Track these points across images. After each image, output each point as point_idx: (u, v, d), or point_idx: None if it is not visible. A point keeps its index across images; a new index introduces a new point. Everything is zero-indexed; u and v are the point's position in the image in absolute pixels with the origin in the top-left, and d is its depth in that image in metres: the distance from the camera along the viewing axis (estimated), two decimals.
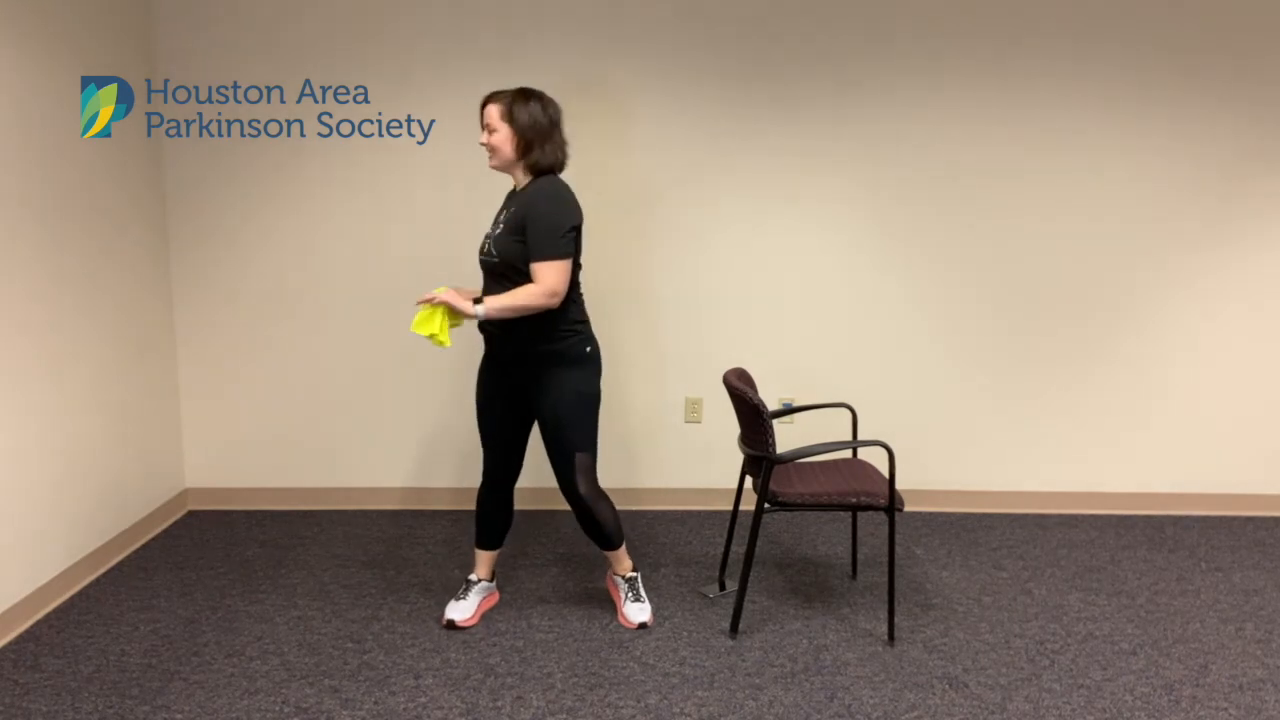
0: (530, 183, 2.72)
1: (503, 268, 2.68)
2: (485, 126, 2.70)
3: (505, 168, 2.74)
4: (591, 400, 2.81)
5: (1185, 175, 3.74)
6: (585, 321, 2.80)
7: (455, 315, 2.64)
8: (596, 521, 2.90)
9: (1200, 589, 3.25)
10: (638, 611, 2.95)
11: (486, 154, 2.74)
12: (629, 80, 3.66)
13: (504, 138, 2.67)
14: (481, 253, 2.76)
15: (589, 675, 2.65)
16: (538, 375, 2.75)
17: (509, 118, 2.67)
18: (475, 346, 2.92)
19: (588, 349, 2.78)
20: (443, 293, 2.60)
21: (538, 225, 2.61)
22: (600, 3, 3.60)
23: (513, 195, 2.77)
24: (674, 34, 3.63)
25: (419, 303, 2.64)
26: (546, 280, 2.60)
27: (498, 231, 2.71)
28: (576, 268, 2.73)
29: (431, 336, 2.61)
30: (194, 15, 3.58)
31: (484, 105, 2.71)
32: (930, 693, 2.57)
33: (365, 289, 3.79)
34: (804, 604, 3.10)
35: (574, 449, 2.79)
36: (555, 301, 2.62)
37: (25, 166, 2.89)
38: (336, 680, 2.60)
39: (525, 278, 2.64)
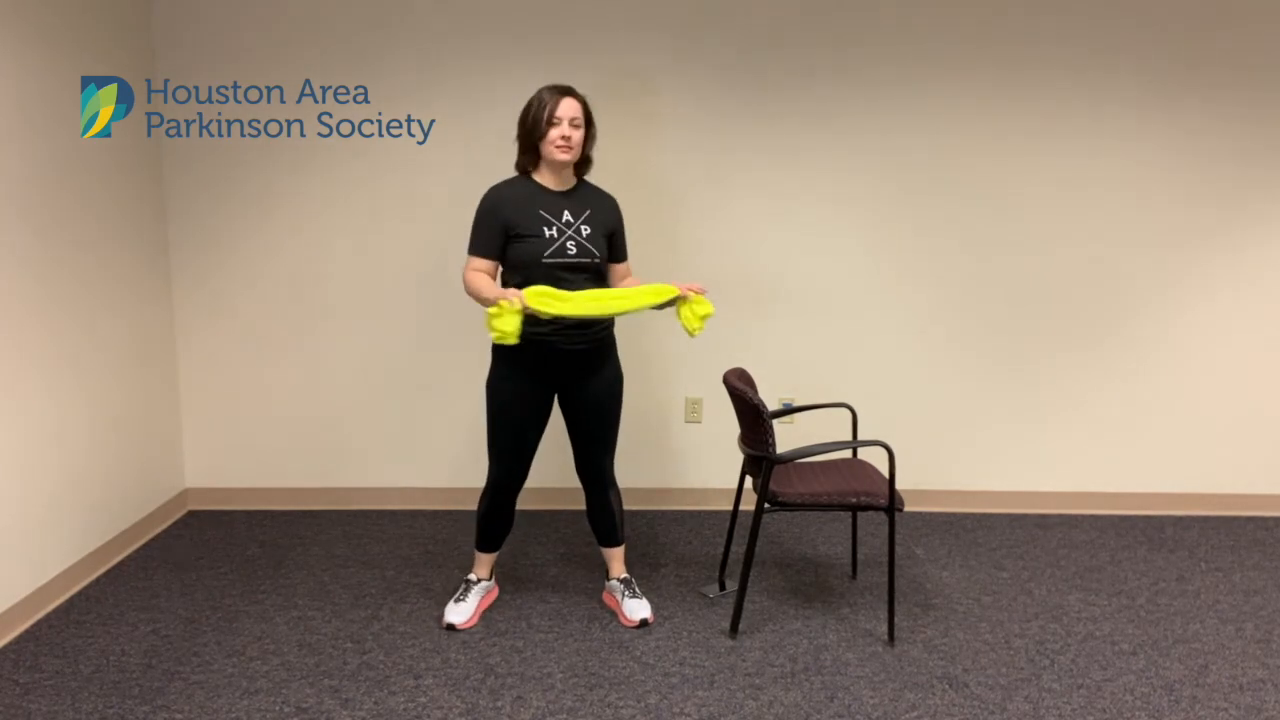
0: (582, 185, 2.83)
1: (594, 265, 2.77)
2: (569, 120, 2.66)
3: (569, 164, 2.75)
4: (624, 385, 2.97)
5: (1185, 177, 3.74)
6: None
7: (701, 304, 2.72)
8: (612, 510, 2.98)
9: (1200, 589, 3.25)
10: (638, 607, 2.95)
11: (558, 146, 2.67)
12: (632, 80, 3.66)
13: (582, 136, 2.72)
14: (562, 254, 2.69)
15: (589, 675, 2.65)
16: (594, 365, 2.84)
17: (589, 120, 2.75)
18: (473, 350, 2.91)
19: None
20: (680, 288, 2.69)
21: (624, 229, 2.92)
22: (603, 2, 3.60)
23: (564, 195, 2.77)
24: (680, 34, 3.63)
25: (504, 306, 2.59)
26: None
27: (588, 232, 2.75)
28: None
29: (506, 335, 2.55)
30: (194, 15, 3.58)
31: (564, 96, 2.67)
32: (930, 693, 2.57)
33: (365, 289, 3.79)
34: (804, 604, 3.10)
35: (614, 433, 2.94)
36: None
37: (25, 166, 2.89)
38: (336, 680, 2.60)
39: (600, 275, 2.82)
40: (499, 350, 2.79)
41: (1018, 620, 3.00)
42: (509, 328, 2.52)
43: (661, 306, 2.74)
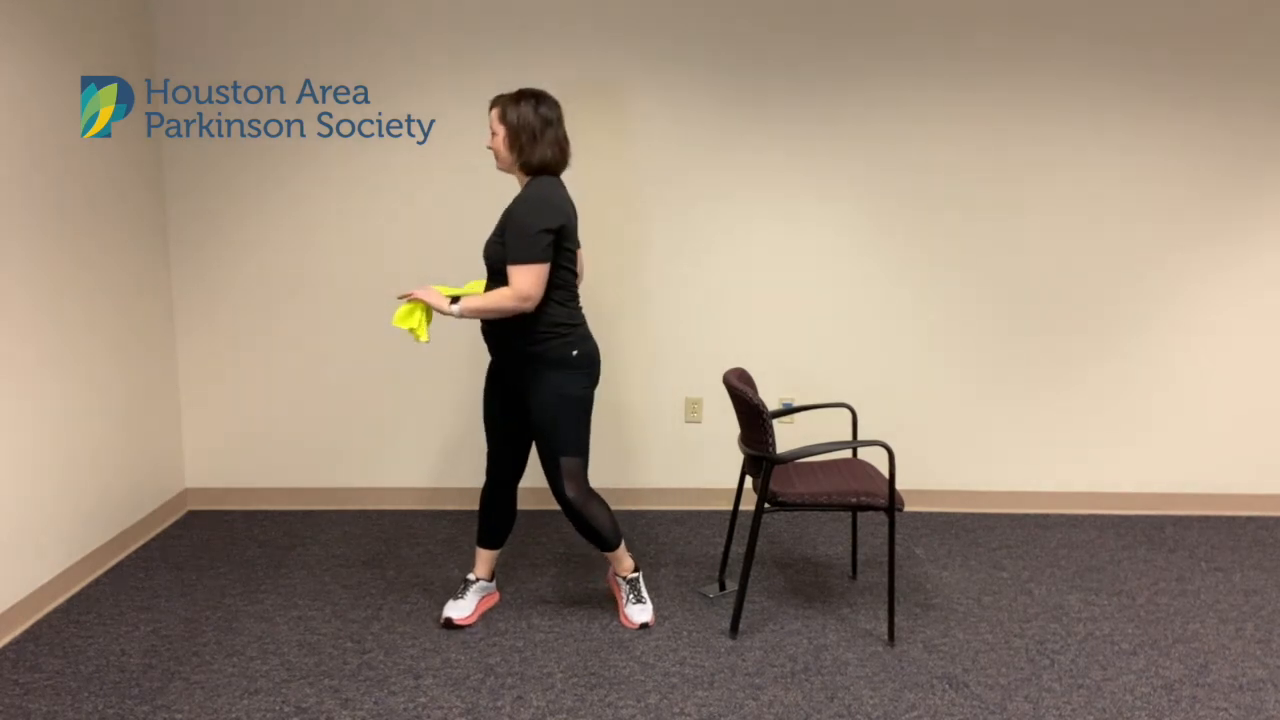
0: (527, 187, 2.72)
1: (492, 269, 2.74)
2: (491, 130, 2.73)
3: (507, 170, 2.75)
4: (574, 403, 2.75)
5: (1185, 176, 3.74)
6: (574, 325, 2.75)
7: (433, 311, 2.72)
8: (589, 525, 2.88)
9: (1200, 589, 3.25)
10: (639, 612, 2.95)
11: (494, 157, 2.77)
12: (632, 80, 3.66)
13: (501, 140, 2.70)
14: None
15: (589, 675, 2.65)
16: (525, 376, 2.76)
17: (504, 119, 2.69)
18: (478, 346, 2.92)
19: (574, 353, 2.72)
20: (421, 290, 2.67)
21: (513, 229, 2.63)
22: (603, 1, 3.60)
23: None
24: (677, 34, 3.63)
25: (400, 298, 2.72)
26: (517, 284, 2.60)
27: (491, 233, 2.75)
28: (562, 270, 2.70)
29: (411, 331, 2.71)
30: (194, 15, 3.58)
31: (491, 109, 2.74)
32: (930, 693, 2.57)
33: (365, 289, 3.79)
34: (804, 604, 3.10)
35: (558, 452, 2.77)
36: (528, 305, 2.61)
37: (25, 166, 2.89)
38: (336, 680, 2.61)
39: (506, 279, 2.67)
40: None
41: (1018, 620, 3.00)
42: (401, 325, 2.73)
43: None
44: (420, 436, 3.92)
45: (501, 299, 2.61)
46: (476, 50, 3.62)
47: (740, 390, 2.78)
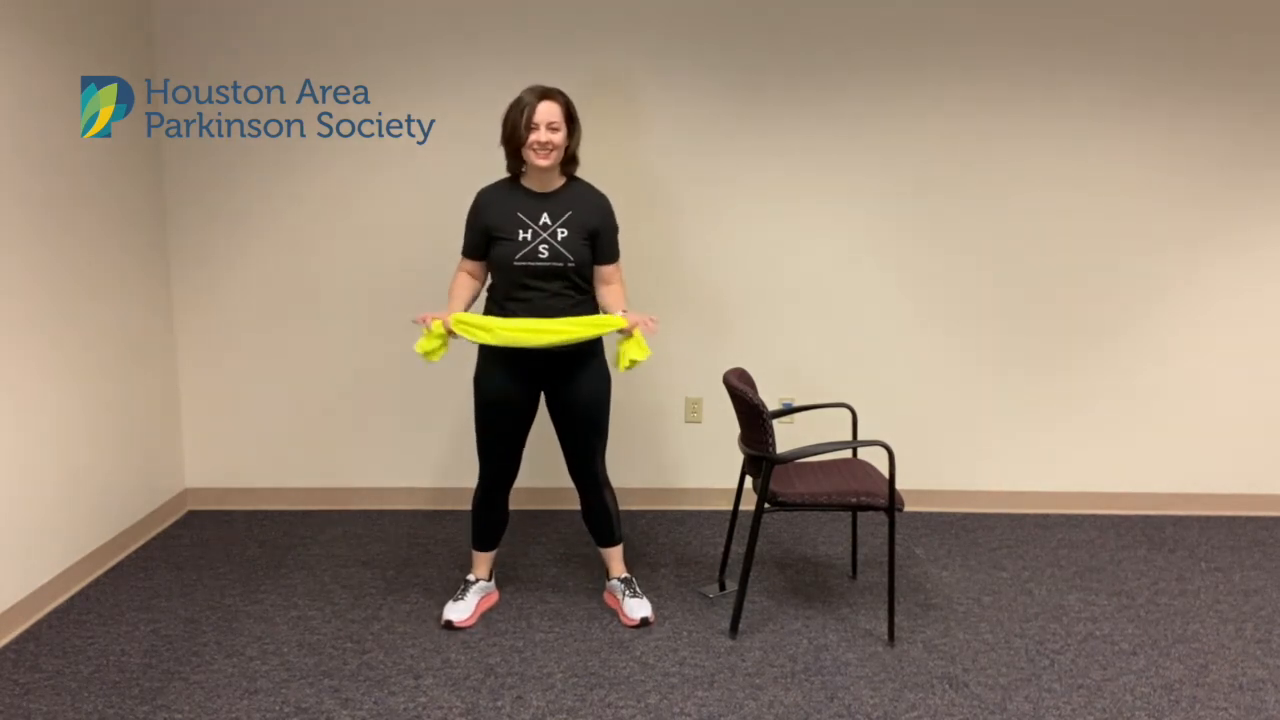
0: (569, 185, 2.79)
1: (569, 271, 2.72)
2: (546, 125, 2.64)
3: (551, 166, 2.71)
4: (611, 386, 2.94)
5: (1185, 173, 3.74)
6: None
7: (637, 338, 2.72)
8: (608, 508, 2.98)
9: (1200, 589, 3.25)
10: (638, 606, 2.95)
11: (536, 151, 2.66)
12: (631, 80, 3.66)
13: (563, 138, 2.69)
14: (534, 257, 2.70)
15: (589, 675, 2.65)
16: (579, 366, 2.81)
17: (571, 120, 2.72)
18: (471, 349, 2.90)
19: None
20: (628, 321, 2.68)
21: (613, 229, 2.85)
22: (604, 1, 3.60)
23: (547, 197, 2.76)
24: (678, 34, 3.63)
25: (423, 322, 2.70)
26: (622, 278, 2.91)
27: (564, 235, 2.70)
28: None
29: (428, 355, 2.72)
30: (194, 15, 3.58)
31: (541, 100, 2.65)
32: (930, 693, 2.57)
33: (365, 289, 3.79)
34: (804, 604, 3.10)
35: (604, 434, 2.91)
36: None
37: (25, 166, 2.90)
38: (336, 680, 2.61)
39: (582, 279, 2.77)
40: (482, 347, 2.85)
41: (1018, 620, 3.00)
42: (423, 349, 2.69)
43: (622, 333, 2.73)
44: (420, 437, 3.92)
45: (624, 293, 2.87)
46: (477, 50, 3.62)
47: (740, 390, 2.78)
